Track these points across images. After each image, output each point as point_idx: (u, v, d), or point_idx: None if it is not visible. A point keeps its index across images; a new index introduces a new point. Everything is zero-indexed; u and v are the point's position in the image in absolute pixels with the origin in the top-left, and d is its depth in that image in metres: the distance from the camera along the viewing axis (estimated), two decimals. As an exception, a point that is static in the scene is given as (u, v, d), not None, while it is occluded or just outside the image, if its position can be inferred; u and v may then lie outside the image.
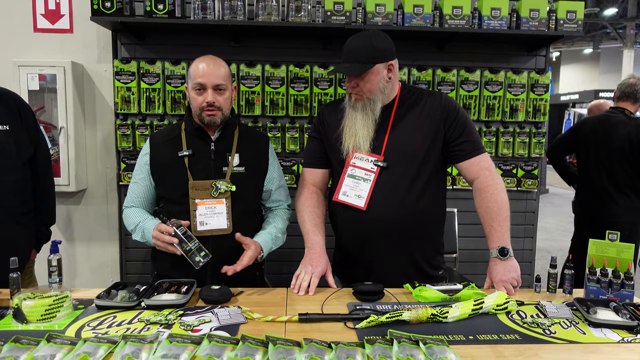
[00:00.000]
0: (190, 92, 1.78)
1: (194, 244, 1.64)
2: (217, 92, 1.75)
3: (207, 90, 1.74)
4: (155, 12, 2.48)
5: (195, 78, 1.74)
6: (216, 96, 1.75)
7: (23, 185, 1.85)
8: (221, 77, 1.75)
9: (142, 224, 1.77)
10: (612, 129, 3.08)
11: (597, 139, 3.13)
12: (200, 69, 1.74)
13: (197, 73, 1.74)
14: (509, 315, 1.45)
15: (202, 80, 1.73)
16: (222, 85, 1.76)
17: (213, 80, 1.73)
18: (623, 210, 3.05)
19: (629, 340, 1.29)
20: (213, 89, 1.74)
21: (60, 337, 1.20)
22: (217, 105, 1.75)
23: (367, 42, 1.70)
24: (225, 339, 1.19)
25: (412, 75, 2.80)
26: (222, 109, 1.77)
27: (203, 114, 1.76)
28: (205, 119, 1.76)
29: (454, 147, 1.76)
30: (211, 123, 1.77)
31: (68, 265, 2.83)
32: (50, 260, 1.58)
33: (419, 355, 1.14)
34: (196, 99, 1.75)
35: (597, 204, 3.15)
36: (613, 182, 3.08)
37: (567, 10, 2.65)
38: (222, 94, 1.77)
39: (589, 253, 1.62)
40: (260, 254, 1.77)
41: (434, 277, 1.83)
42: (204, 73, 1.73)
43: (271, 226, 1.88)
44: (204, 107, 1.74)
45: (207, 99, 1.73)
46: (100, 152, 2.81)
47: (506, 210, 1.71)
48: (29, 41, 2.70)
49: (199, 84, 1.73)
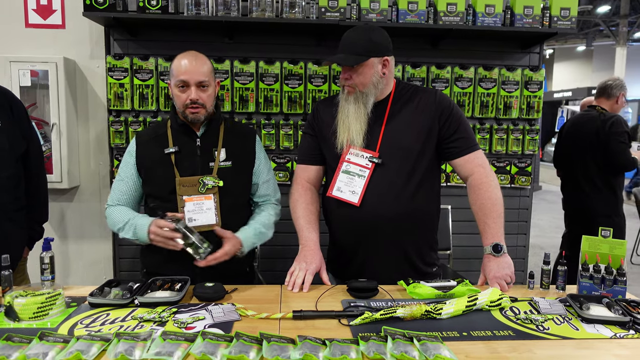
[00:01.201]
0: (173, 90, 1.76)
1: (196, 237, 1.65)
2: (200, 89, 1.74)
3: (190, 88, 1.72)
4: (148, 8, 2.46)
5: (177, 75, 1.72)
6: (199, 93, 1.73)
7: (15, 181, 1.84)
8: (204, 74, 1.74)
9: (133, 220, 1.75)
10: (584, 126, 3.30)
11: (573, 137, 3.38)
12: (182, 65, 1.72)
13: (180, 70, 1.72)
14: (502, 311, 1.45)
15: (184, 77, 1.71)
16: (205, 82, 1.74)
17: (196, 78, 1.72)
18: (597, 203, 3.21)
19: (621, 335, 1.30)
20: (196, 86, 1.73)
21: (53, 335, 1.19)
22: (200, 102, 1.74)
23: (364, 35, 1.70)
24: (219, 336, 1.19)
25: (406, 72, 2.80)
26: (206, 105, 1.76)
27: (187, 112, 1.74)
28: (188, 116, 1.75)
29: (448, 144, 1.76)
30: (195, 120, 1.76)
31: (61, 263, 2.82)
32: (42, 257, 1.57)
33: (413, 351, 1.14)
34: (179, 96, 1.74)
35: (576, 200, 3.35)
36: (587, 177, 3.25)
37: (561, 7, 2.66)
38: (205, 91, 1.75)
39: (582, 249, 1.63)
40: (240, 249, 1.76)
41: (428, 273, 1.84)
42: (187, 70, 1.72)
43: (255, 221, 1.87)
44: (187, 104, 1.73)
45: (191, 97, 1.72)
46: (93, 149, 2.79)
47: (500, 207, 1.72)
48: (20, 37, 2.67)
49: (182, 81, 1.72)
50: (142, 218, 1.75)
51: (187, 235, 1.64)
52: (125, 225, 1.77)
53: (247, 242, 1.79)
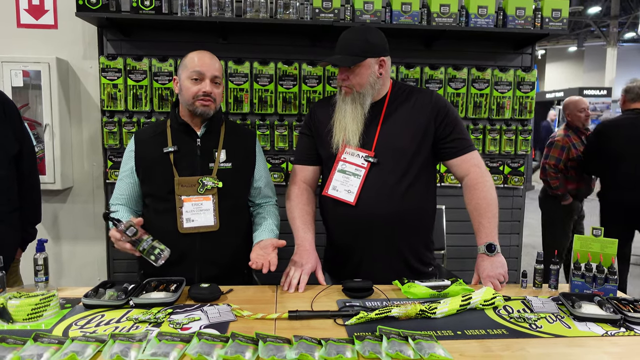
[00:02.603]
0: (184, 82, 1.75)
1: (146, 243, 1.55)
2: (213, 84, 1.75)
3: (205, 80, 1.73)
4: (141, 8, 2.46)
5: (193, 67, 1.73)
6: (213, 88, 1.74)
7: (8, 183, 1.83)
8: (218, 70, 1.77)
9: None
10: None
11: (630, 138, 3.34)
12: (198, 59, 1.74)
13: (195, 63, 1.73)
14: (496, 310, 1.47)
15: (201, 69, 1.72)
16: (218, 79, 1.77)
17: (212, 71, 1.74)
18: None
19: (612, 333, 1.32)
20: (211, 80, 1.74)
21: (47, 337, 1.19)
22: (213, 97, 1.74)
23: (360, 35, 1.72)
24: (215, 336, 1.19)
25: (400, 72, 2.81)
26: (216, 102, 1.78)
27: (197, 103, 1.73)
28: (199, 108, 1.74)
29: (444, 145, 1.78)
30: (204, 113, 1.76)
31: (54, 264, 2.80)
32: (36, 259, 1.56)
33: (408, 350, 1.15)
34: (191, 88, 1.73)
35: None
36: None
37: (553, 8, 2.68)
38: (218, 87, 1.78)
39: (574, 248, 1.65)
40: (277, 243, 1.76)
41: (424, 273, 1.85)
42: (204, 63, 1.73)
43: (268, 221, 1.88)
44: (199, 96, 1.72)
45: (205, 89, 1.72)
46: (86, 150, 2.78)
47: (495, 207, 1.74)
48: (12, 37, 2.65)
49: (199, 72, 1.72)
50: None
51: (135, 241, 1.55)
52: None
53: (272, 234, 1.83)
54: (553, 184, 3.62)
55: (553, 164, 3.64)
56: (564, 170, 3.66)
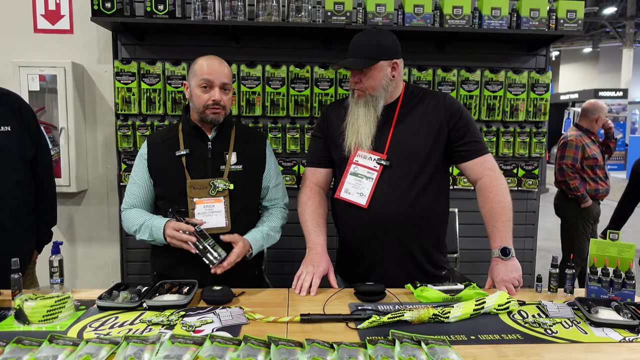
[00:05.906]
0: (194, 90, 1.77)
1: (209, 243, 1.68)
2: (222, 91, 1.76)
3: (214, 88, 1.74)
4: (155, 13, 2.48)
5: (201, 75, 1.74)
6: (222, 95, 1.76)
7: (25, 186, 1.85)
8: (227, 77, 1.78)
9: (149, 222, 1.76)
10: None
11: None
12: (207, 66, 1.75)
13: (204, 70, 1.74)
14: (510, 315, 1.45)
15: (210, 77, 1.73)
16: (227, 85, 1.78)
17: (221, 79, 1.75)
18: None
19: (630, 339, 1.29)
20: (220, 87, 1.75)
21: (63, 338, 1.20)
22: (222, 104, 1.76)
23: (373, 38, 1.71)
24: (227, 339, 1.19)
25: (412, 75, 2.80)
26: (226, 108, 1.79)
27: (207, 112, 1.76)
28: (209, 116, 1.76)
29: (457, 148, 1.76)
30: (214, 121, 1.78)
31: (69, 266, 2.84)
32: (51, 261, 1.58)
33: (421, 355, 1.14)
34: (201, 96, 1.75)
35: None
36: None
37: (567, 9, 2.65)
38: (227, 94, 1.79)
39: (590, 252, 1.62)
40: (249, 251, 1.77)
41: (438, 276, 1.83)
42: (212, 70, 1.74)
43: (264, 224, 1.88)
44: (209, 104, 1.74)
45: (214, 97, 1.74)
46: (100, 153, 2.81)
47: (509, 211, 1.72)
48: (29, 42, 2.70)
49: (207, 80, 1.73)
50: (158, 219, 1.76)
51: (201, 240, 1.67)
52: (141, 227, 1.77)
53: (256, 244, 1.80)
54: (572, 184, 3.57)
55: (570, 163, 3.59)
56: (581, 171, 3.61)
